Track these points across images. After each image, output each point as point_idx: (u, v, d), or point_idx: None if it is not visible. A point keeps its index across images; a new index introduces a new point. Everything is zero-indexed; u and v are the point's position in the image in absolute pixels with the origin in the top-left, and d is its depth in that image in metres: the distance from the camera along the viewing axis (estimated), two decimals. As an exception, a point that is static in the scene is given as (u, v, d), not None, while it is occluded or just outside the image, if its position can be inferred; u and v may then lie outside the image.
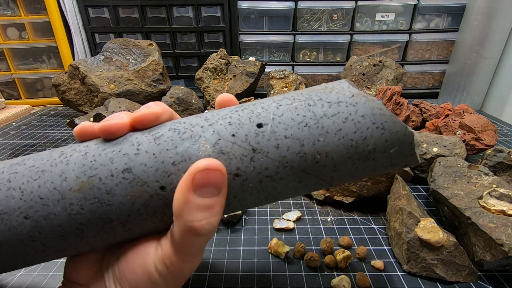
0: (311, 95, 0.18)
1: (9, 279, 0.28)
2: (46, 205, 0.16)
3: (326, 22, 0.76)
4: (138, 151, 0.16)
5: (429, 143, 0.41)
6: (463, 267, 0.27)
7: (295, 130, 0.16)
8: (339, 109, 0.17)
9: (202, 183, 0.15)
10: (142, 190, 0.16)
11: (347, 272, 0.29)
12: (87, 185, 0.16)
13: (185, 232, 0.15)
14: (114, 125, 0.17)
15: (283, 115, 0.17)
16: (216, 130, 0.17)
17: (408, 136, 0.17)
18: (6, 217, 0.16)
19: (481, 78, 0.69)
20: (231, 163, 0.16)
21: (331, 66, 0.79)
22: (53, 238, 0.16)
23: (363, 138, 0.16)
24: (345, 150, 0.16)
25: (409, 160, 0.18)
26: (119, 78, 0.64)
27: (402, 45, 0.77)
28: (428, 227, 0.28)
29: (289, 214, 0.36)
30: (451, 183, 0.33)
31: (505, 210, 0.28)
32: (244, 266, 0.29)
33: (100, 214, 0.16)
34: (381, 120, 0.16)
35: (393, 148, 0.17)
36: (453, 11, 0.73)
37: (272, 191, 0.17)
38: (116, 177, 0.16)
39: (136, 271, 0.17)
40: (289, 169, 0.16)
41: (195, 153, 0.16)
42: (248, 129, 0.17)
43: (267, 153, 0.16)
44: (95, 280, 0.19)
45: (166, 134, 0.17)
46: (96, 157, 0.17)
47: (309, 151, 0.16)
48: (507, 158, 0.38)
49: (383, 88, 0.56)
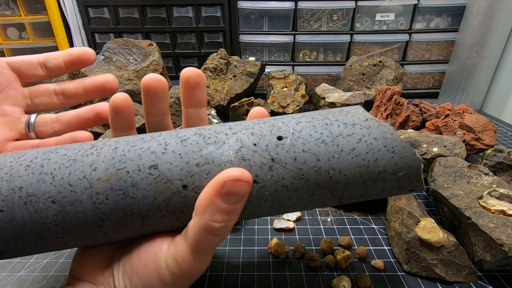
0: (328, 116, 0.19)
1: (10, 278, 0.28)
2: (74, 192, 0.17)
3: (326, 22, 0.76)
4: (165, 150, 0.18)
5: (429, 143, 0.41)
6: (463, 267, 0.27)
7: (312, 146, 0.18)
8: (353, 130, 0.18)
9: (231, 191, 0.16)
10: (165, 187, 0.17)
11: (347, 272, 0.29)
12: (115, 176, 0.17)
13: (203, 229, 0.16)
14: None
15: (302, 131, 0.18)
16: (239, 138, 0.18)
17: (416, 161, 0.18)
18: (35, 199, 0.17)
19: (481, 78, 0.69)
20: (251, 170, 0.17)
21: (331, 66, 0.80)
22: (75, 224, 0.17)
23: (374, 159, 0.18)
24: (357, 169, 0.18)
25: (415, 185, 0.19)
26: (119, 78, 0.64)
27: (402, 45, 0.77)
28: (428, 227, 0.28)
29: (289, 214, 0.36)
30: (451, 183, 0.33)
31: (505, 210, 0.28)
32: (244, 266, 0.29)
33: (123, 206, 0.17)
34: (392, 144, 0.18)
35: (402, 172, 0.18)
36: (453, 11, 0.73)
37: (286, 201, 0.18)
38: (142, 172, 0.17)
39: (147, 266, 0.17)
40: (304, 181, 0.17)
41: (219, 157, 0.17)
42: (269, 140, 0.18)
43: (285, 164, 0.17)
44: (103, 277, 0.19)
45: (192, 138, 0.18)
46: (126, 152, 0.18)
47: (324, 166, 0.17)
48: (507, 158, 0.38)
49: (383, 88, 0.56)
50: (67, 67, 0.26)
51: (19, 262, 0.30)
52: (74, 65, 0.26)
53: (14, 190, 0.17)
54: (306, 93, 0.65)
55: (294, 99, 0.64)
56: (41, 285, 0.28)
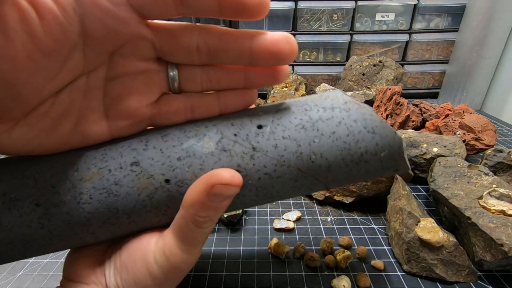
0: (307, 101, 0.19)
1: (9, 278, 0.28)
2: (57, 193, 0.17)
3: (326, 22, 0.76)
4: (146, 147, 0.18)
5: (429, 143, 0.41)
6: (463, 267, 0.27)
7: (292, 132, 0.18)
8: (333, 114, 0.18)
9: (220, 193, 0.16)
10: (148, 182, 0.17)
11: (347, 272, 0.29)
12: (97, 175, 0.17)
13: (189, 221, 0.16)
14: None
15: (282, 118, 0.18)
16: (219, 130, 0.18)
17: (397, 140, 0.18)
18: (19, 204, 0.17)
19: (481, 78, 0.69)
20: (232, 160, 0.17)
21: (331, 66, 0.79)
22: (61, 225, 0.17)
23: (355, 141, 0.18)
24: (338, 152, 0.18)
25: (399, 164, 0.19)
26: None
27: (402, 45, 0.77)
28: (428, 227, 0.28)
29: (289, 214, 0.36)
30: (451, 183, 0.33)
31: (505, 210, 0.28)
32: (244, 266, 0.29)
33: (107, 204, 0.17)
34: (371, 124, 0.18)
35: (384, 152, 0.18)
36: (453, 11, 0.73)
37: (270, 189, 0.18)
38: (124, 169, 0.17)
39: (136, 261, 0.17)
40: (286, 167, 0.17)
41: (200, 149, 0.17)
42: (249, 129, 0.18)
43: (266, 151, 0.17)
44: (95, 277, 0.19)
45: (173, 132, 0.18)
46: (107, 150, 0.18)
47: (305, 151, 0.17)
48: (507, 158, 0.38)
49: (383, 88, 0.56)
50: (221, 9, 0.15)
51: (19, 262, 0.30)
52: (235, 12, 0.15)
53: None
54: (306, 93, 0.65)
55: (294, 99, 0.64)
56: (41, 285, 0.28)
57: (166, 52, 0.17)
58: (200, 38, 0.16)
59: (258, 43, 0.16)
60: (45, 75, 0.14)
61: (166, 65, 0.18)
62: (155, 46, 0.17)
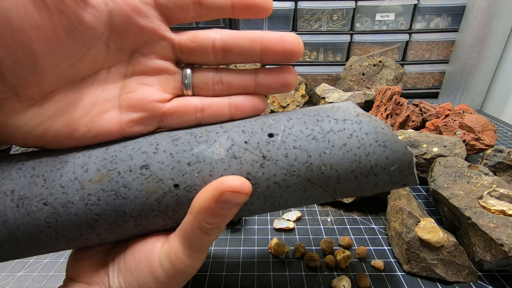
0: (319, 112, 0.19)
1: (9, 278, 0.28)
2: (66, 194, 0.17)
3: (326, 22, 0.76)
4: (156, 150, 0.18)
5: (429, 143, 0.41)
6: (463, 267, 0.27)
7: (303, 142, 0.18)
8: (344, 125, 0.18)
9: (228, 200, 0.16)
10: (157, 187, 0.17)
11: (347, 272, 0.29)
12: (106, 177, 0.17)
13: (196, 227, 0.16)
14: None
15: (293, 128, 0.18)
16: (230, 136, 0.18)
17: (408, 155, 0.18)
18: (27, 202, 0.17)
19: (481, 78, 0.69)
20: (242, 168, 0.17)
21: (331, 66, 0.79)
22: (67, 226, 0.17)
23: (366, 154, 0.18)
24: (348, 164, 0.18)
25: (408, 179, 0.19)
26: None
27: (402, 45, 0.77)
28: (428, 227, 0.28)
29: (289, 214, 0.36)
30: (451, 183, 0.33)
31: (505, 210, 0.28)
32: (244, 266, 0.29)
33: (115, 206, 0.17)
34: (383, 138, 0.18)
35: (394, 166, 0.18)
36: (453, 11, 0.73)
37: (278, 198, 0.18)
38: (134, 172, 0.17)
39: (141, 264, 0.17)
40: (296, 177, 0.17)
41: (210, 155, 0.17)
42: (260, 137, 0.18)
43: (276, 161, 0.17)
44: (98, 277, 0.19)
45: (184, 137, 0.18)
46: (117, 152, 0.18)
47: (315, 162, 0.17)
48: (507, 158, 0.38)
49: (383, 88, 0.56)
50: (234, 10, 0.17)
51: (19, 262, 0.30)
52: (246, 11, 0.17)
53: (6, 193, 0.17)
54: (306, 93, 0.65)
55: (294, 99, 0.64)
56: (41, 285, 0.28)
57: (184, 50, 0.18)
58: (216, 34, 0.17)
59: (269, 38, 0.17)
60: (65, 54, 0.15)
61: (182, 70, 0.19)
62: (174, 47, 0.18)
